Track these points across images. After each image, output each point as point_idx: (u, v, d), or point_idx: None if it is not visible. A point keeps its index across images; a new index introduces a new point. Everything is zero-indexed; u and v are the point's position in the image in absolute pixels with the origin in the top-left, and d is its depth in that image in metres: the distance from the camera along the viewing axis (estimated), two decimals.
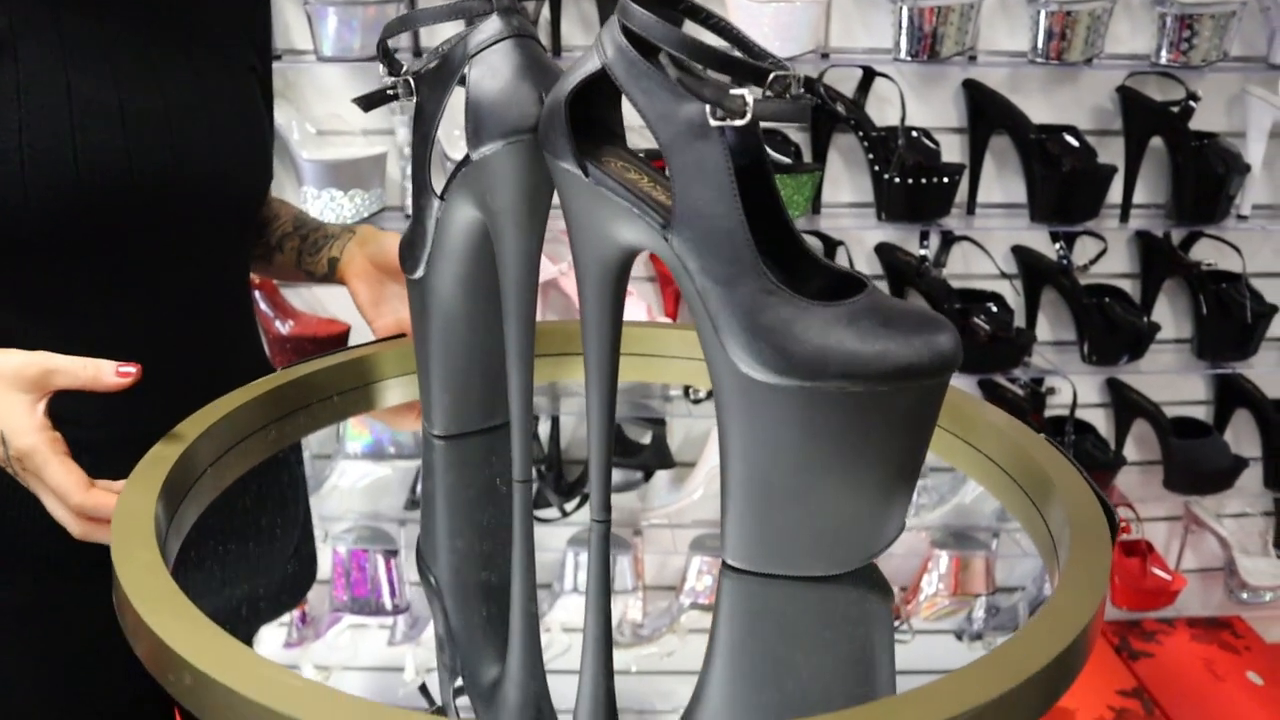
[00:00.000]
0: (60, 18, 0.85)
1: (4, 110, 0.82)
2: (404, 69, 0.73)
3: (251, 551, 0.79)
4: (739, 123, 0.56)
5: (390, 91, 0.74)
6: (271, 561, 0.82)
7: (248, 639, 0.69)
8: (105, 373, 0.74)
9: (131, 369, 0.74)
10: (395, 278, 1.01)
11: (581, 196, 0.65)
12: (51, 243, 0.85)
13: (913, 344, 0.58)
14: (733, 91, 0.57)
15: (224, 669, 0.50)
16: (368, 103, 0.76)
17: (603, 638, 0.65)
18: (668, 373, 0.96)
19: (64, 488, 0.71)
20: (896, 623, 0.72)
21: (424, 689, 0.66)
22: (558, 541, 0.82)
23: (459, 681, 0.62)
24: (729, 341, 0.60)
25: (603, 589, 0.69)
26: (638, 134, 0.69)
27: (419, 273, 0.77)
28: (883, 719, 0.48)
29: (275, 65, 1.87)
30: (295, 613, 0.78)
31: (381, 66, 0.75)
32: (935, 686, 0.49)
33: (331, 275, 1.06)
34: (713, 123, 0.57)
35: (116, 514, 0.64)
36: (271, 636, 0.73)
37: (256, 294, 1.95)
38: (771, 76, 0.57)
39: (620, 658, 0.64)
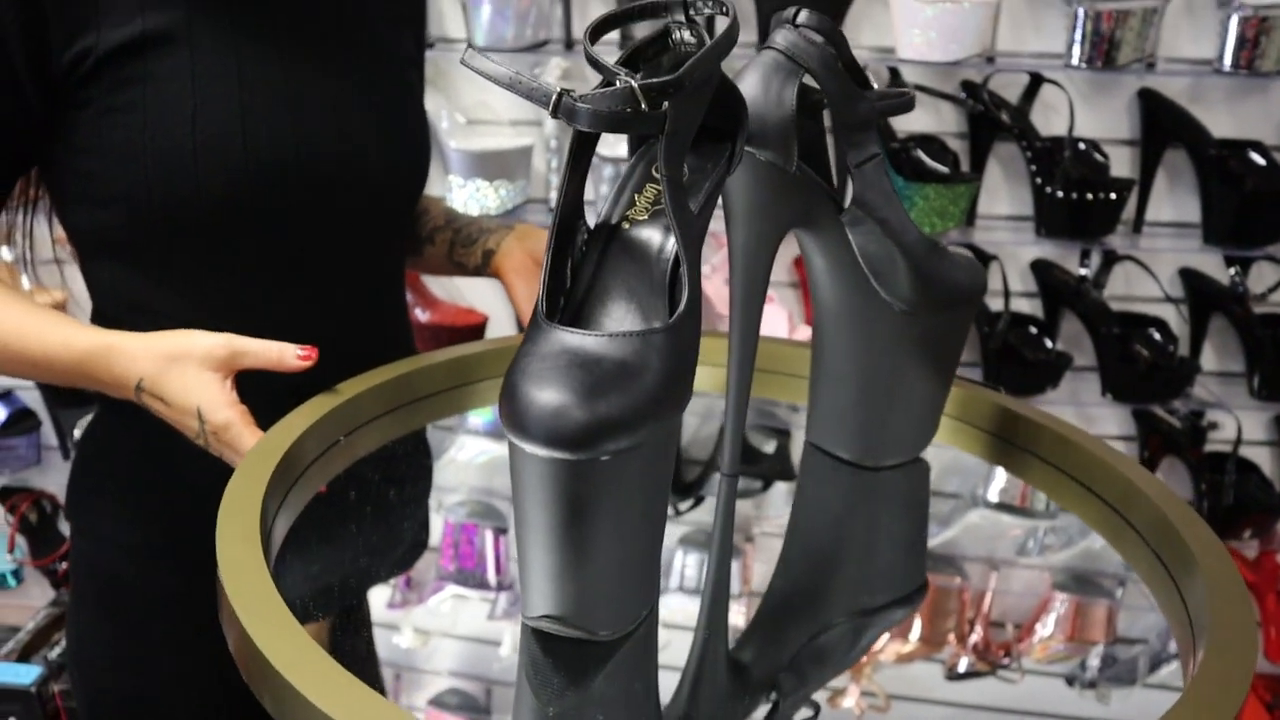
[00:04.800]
0: (233, 7, 0.86)
1: (179, 98, 0.84)
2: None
3: (372, 522, 0.82)
4: (577, 125, 0.53)
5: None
6: (390, 531, 0.84)
7: (358, 599, 0.72)
8: (288, 356, 0.80)
9: (311, 352, 0.80)
10: None
11: None
12: (218, 230, 0.87)
13: (528, 406, 0.51)
14: (546, 86, 0.53)
15: (301, 675, 0.50)
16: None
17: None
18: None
19: None
20: (1006, 660, 0.69)
21: None
22: (668, 541, 0.80)
23: None
24: None
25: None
26: None
27: None
28: None
29: (427, 54, 1.89)
30: (400, 577, 0.80)
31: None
32: None
33: (485, 268, 1.07)
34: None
35: (224, 501, 0.64)
36: (376, 596, 0.77)
37: None
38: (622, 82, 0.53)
39: None
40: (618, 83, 0.54)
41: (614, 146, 1.87)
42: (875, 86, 0.74)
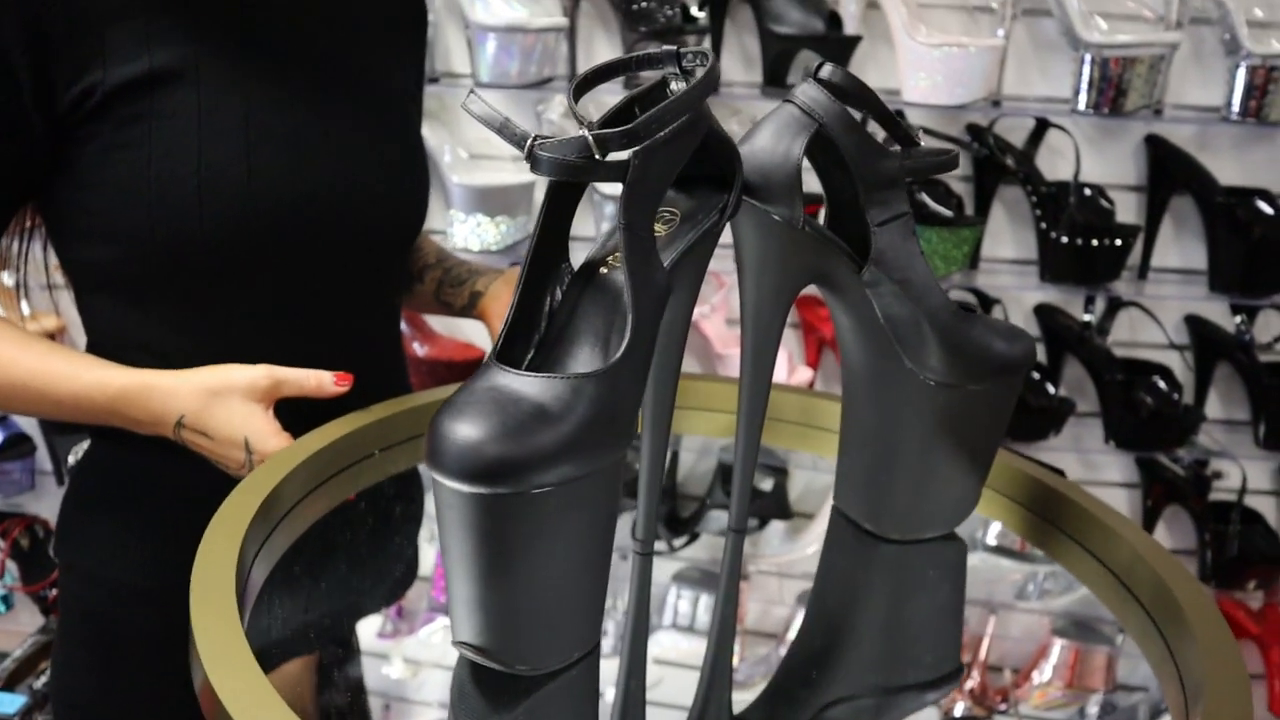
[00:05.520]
0: (240, 47, 0.86)
1: (184, 136, 0.83)
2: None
3: (362, 557, 0.82)
4: (539, 172, 0.54)
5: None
6: (381, 562, 0.84)
7: (349, 631, 0.75)
8: (326, 382, 0.84)
9: (346, 378, 0.84)
10: None
11: None
12: (217, 267, 0.86)
13: (442, 439, 0.52)
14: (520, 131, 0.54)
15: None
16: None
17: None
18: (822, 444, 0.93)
19: None
20: (1004, 706, 0.72)
21: None
22: (662, 576, 0.80)
23: None
24: None
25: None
26: None
27: None
28: None
29: (431, 88, 1.89)
30: (391, 607, 0.79)
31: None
32: None
33: (471, 309, 1.07)
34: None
35: (204, 539, 0.64)
36: (367, 625, 0.76)
37: None
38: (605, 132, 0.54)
39: None
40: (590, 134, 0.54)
41: (616, 185, 1.87)
42: (921, 143, 0.72)
